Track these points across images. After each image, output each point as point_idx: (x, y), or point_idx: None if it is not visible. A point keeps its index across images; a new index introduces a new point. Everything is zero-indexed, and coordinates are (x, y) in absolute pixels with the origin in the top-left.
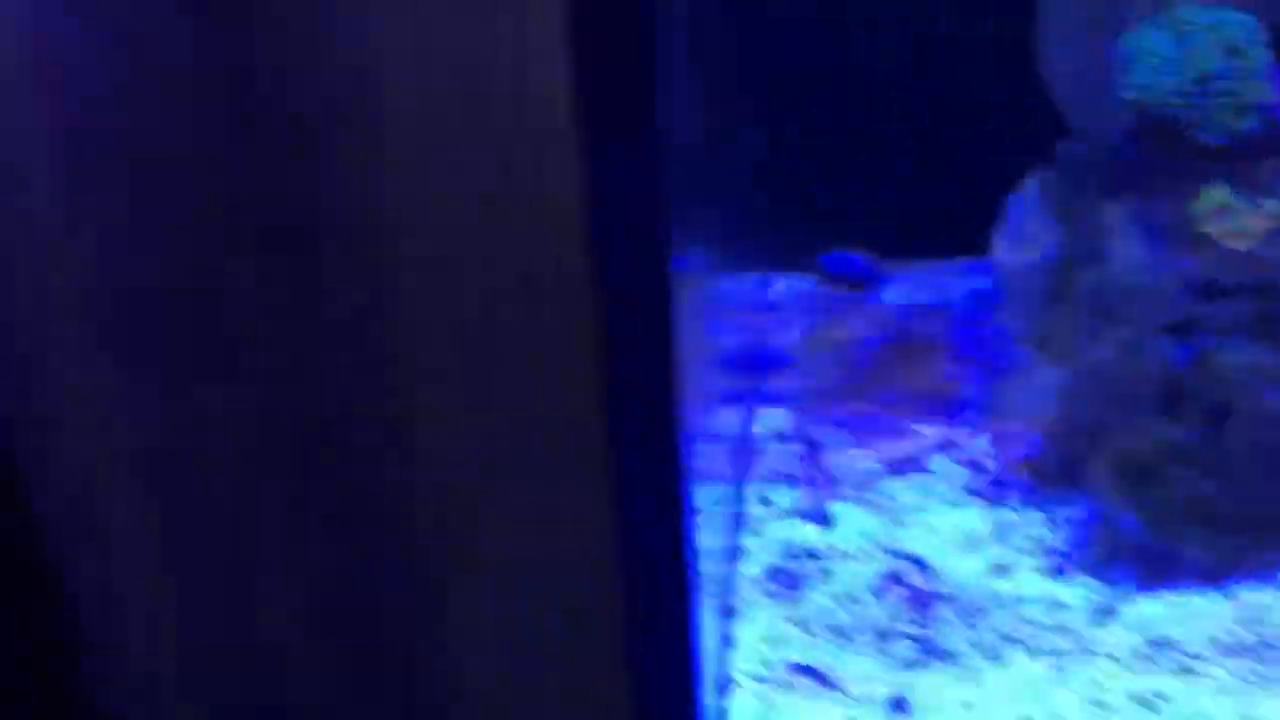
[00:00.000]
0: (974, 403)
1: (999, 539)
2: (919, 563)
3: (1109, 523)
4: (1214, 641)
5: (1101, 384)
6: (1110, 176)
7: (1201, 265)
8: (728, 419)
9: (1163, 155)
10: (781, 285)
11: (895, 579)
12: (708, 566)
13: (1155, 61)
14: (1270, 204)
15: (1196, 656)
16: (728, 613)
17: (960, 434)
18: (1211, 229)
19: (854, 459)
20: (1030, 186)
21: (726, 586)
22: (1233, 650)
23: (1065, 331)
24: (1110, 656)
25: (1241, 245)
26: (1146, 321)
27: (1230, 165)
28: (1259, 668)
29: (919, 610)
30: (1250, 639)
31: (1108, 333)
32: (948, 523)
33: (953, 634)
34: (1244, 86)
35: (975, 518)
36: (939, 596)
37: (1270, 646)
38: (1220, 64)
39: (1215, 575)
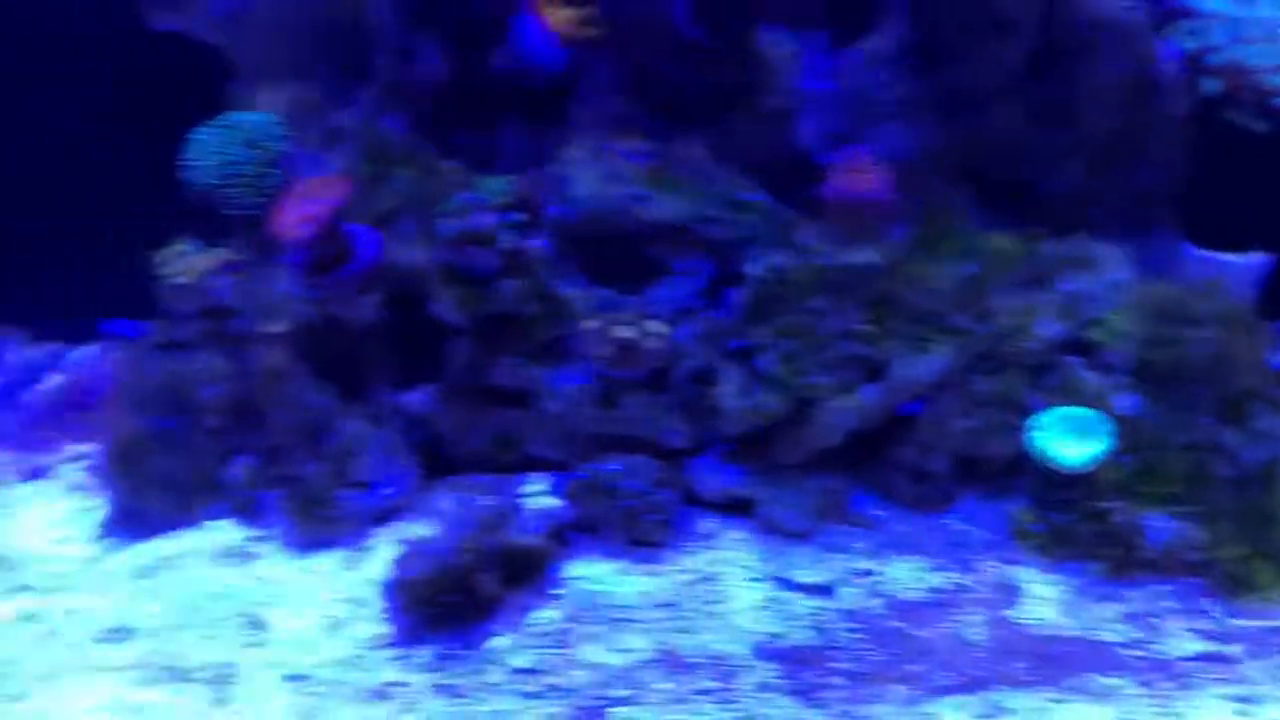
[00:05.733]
0: None
1: (68, 522)
2: None
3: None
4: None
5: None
6: None
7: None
8: None
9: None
10: None
11: None
12: None
13: (200, 150)
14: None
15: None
16: None
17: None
18: (169, 270)
19: None
20: None
21: None
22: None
23: None
24: (88, 589)
25: (186, 280)
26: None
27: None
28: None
29: None
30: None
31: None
32: (36, 513)
33: None
34: (260, 172)
35: (62, 510)
36: None
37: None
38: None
39: (171, 525)
